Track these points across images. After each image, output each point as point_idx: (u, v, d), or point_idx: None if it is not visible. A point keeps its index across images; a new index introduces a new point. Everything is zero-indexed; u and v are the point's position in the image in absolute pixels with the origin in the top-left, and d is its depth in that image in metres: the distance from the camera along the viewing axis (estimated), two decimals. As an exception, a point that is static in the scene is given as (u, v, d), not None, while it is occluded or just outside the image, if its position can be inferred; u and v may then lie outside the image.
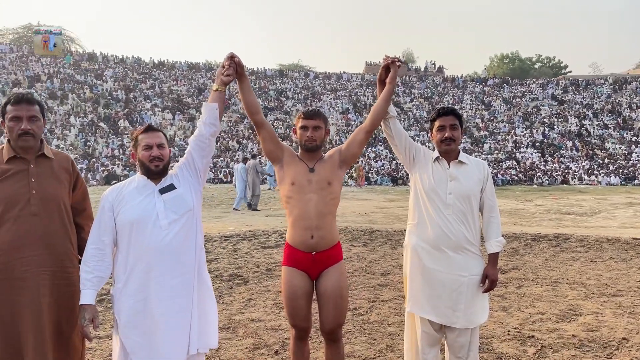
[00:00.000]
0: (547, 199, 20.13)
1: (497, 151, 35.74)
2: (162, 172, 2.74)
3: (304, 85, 45.92)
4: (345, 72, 50.13)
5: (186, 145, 3.00)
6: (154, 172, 2.71)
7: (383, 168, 32.00)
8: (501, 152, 35.70)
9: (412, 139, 3.30)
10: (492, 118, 41.67)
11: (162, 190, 2.70)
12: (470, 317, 3.03)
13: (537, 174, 31.54)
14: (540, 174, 31.60)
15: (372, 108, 3.22)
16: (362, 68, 58.24)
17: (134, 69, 44.08)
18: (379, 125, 3.23)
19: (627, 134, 38.38)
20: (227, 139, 34.29)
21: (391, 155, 33.99)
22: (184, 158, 2.88)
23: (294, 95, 43.32)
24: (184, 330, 2.65)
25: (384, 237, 9.60)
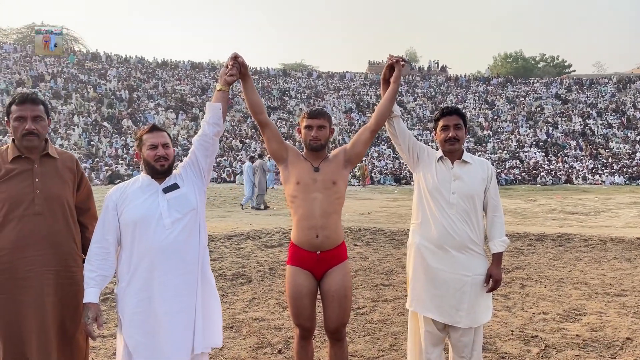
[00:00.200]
0: (551, 198, 20.08)
1: (500, 150, 35.68)
2: (167, 171, 2.75)
3: (307, 85, 45.92)
4: (348, 72, 50.11)
5: (189, 145, 3.01)
6: (159, 172, 2.72)
7: (386, 167, 31.98)
8: (505, 151, 35.63)
9: (416, 138, 3.29)
10: (496, 117, 41.58)
11: (166, 190, 2.71)
12: (473, 317, 3.03)
13: (541, 173, 31.46)
14: (544, 173, 31.51)
15: (377, 107, 3.22)
16: (365, 67, 58.25)
17: (138, 68, 44.15)
18: (384, 125, 3.23)
19: (631, 133, 38.24)
20: (231, 138, 34.32)
21: (394, 154, 33.96)
22: (187, 158, 2.89)
23: (297, 95, 43.32)
24: (187, 329, 2.65)
25: (387, 237, 9.60)
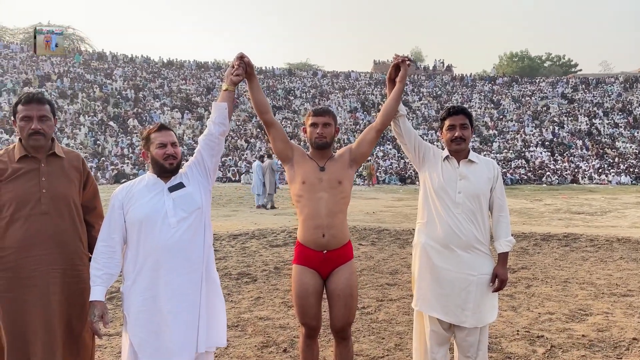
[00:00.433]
0: (557, 198, 20.00)
1: (506, 150, 35.56)
2: (175, 170, 2.76)
3: (312, 84, 45.92)
4: (353, 71, 50.08)
5: (195, 145, 3.03)
6: (168, 170, 2.73)
7: (391, 167, 31.95)
8: (510, 151, 35.51)
9: (421, 138, 3.29)
10: (501, 117, 41.45)
11: (172, 189, 2.72)
12: (479, 316, 3.02)
13: (547, 173, 31.34)
14: (550, 173, 31.39)
15: (382, 107, 3.22)
16: (370, 67, 58.15)
17: (143, 68, 44.28)
18: (389, 124, 3.23)
19: (637, 132, 38.03)
20: (236, 138, 34.37)
21: (399, 154, 33.91)
22: (193, 157, 2.90)
23: (302, 94, 43.33)
24: (192, 328, 2.66)
25: (392, 236, 9.59)
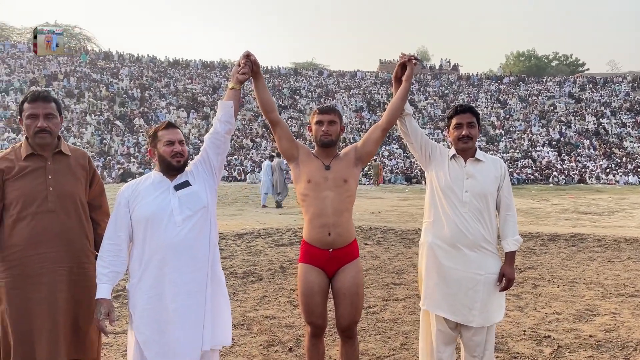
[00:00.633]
0: (564, 198, 19.90)
1: (512, 150, 35.42)
2: (182, 168, 2.76)
3: (317, 84, 45.90)
4: (359, 71, 50.02)
5: (200, 144, 3.02)
6: (175, 168, 2.73)
7: (397, 166, 31.90)
8: (517, 150, 35.37)
9: (427, 136, 3.28)
10: (508, 116, 41.29)
11: (177, 187, 2.72)
12: (486, 316, 3.01)
13: (554, 173, 31.19)
14: (557, 173, 31.24)
15: (388, 106, 3.21)
16: (376, 66, 58.11)
17: (149, 67, 44.41)
18: (395, 123, 3.22)
19: (645, 132, 37.79)
20: (242, 137, 34.42)
21: (405, 153, 33.83)
22: (199, 155, 2.90)
23: (308, 94, 43.32)
24: (197, 326, 2.66)
25: (398, 236, 9.57)
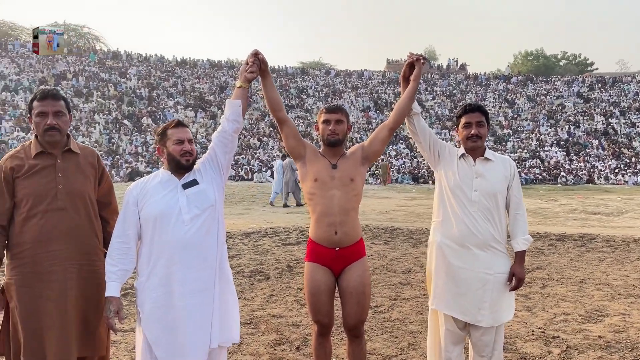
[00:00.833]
0: (572, 198, 19.78)
1: (520, 150, 35.24)
2: (191, 166, 2.77)
3: (325, 83, 45.87)
4: (366, 70, 49.93)
5: (208, 143, 3.02)
6: (184, 167, 2.74)
7: (404, 166, 31.83)
8: (525, 150, 35.19)
9: (436, 136, 3.27)
10: (516, 116, 41.08)
11: (185, 185, 2.73)
12: (495, 316, 2.99)
13: (562, 173, 31.01)
14: (565, 173, 31.05)
15: (396, 105, 3.20)
16: (383, 66, 57.99)
17: (157, 67, 44.55)
18: (402, 123, 3.21)
19: (655, 132, 37.48)
20: (249, 136, 34.47)
21: (412, 153, 33.75)
22: (206, 154, 2.90)
23: (315, 93, 43.32)
24: (205, 324, 2.67)
25: (405, 235, 9.55)
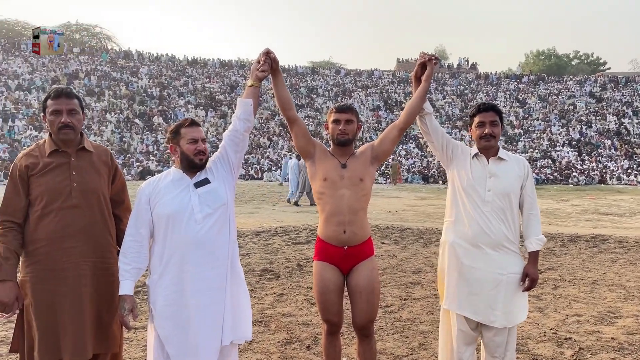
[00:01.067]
0: (584, 198, 19.61)
1: (531, 149, 35.00)
2: (203, 165, 2.78)
3: (334, 83, 45.84)
4: (376, 69, 49.81)
5: (218, 142, 3.03)
6: (197, 166, 2.75)
7: (414, 166, 31.73)
8: (536, 150, 34.94)
9: (449, 135, 3.25)
10: (527, 116, 40.80)
11: (197, 184, 2.74)
12: (508, 316, 2.98)
13: (574, 173, 30.75)
14: (577, 173, 30.79)
15: (407, 105, 3.19)
16: (393, 65, 57.82)
17: (168, 66, 44.78)
18: (412, 123, 3.20)
19: (669, 132, 37.04)
20: (259, 136, 34.54)
21: (422, 153, 33.65)
22: (217, 152, 2.91)
23: (325, 93, 43.31)
24: (217, 322, 2.68)
25: (415, 235, 9.52)
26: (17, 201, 2.66)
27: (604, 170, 31.60)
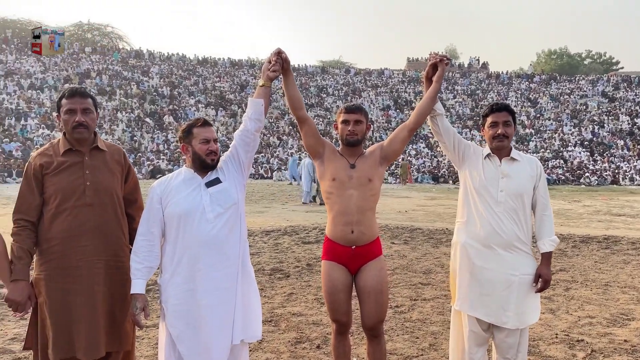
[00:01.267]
0: (596, 199, 19.42)
1: (543, 149, 34.74)
2: (215, 165, 2.78)
3: (344, 82, 45.81)
4: (386, 69, 49.70)
5: (227, 141, 3.03)
6: (209, 166, 2.76)
7: (424, 166, 31.63)
8: (547, 150, 34.68)
9: (460, 135, 3.23)
10: (539, 115, 40.51)
11: (209, 184, 2.74)
12: (521, 317, 2.96)
13: (586, 173, 30.47)
14: (589, 173, 30.51)
15: (417, 106, 3.18)
16: (404, 64, 57.64)
17: (179, 66, 45.01)
18: (423, 124, 3.19)
19: (683, 132, 36.59)
20: (268, 135, 34.60)
21: (432, 152, 33.53)
22: (228, 152, 2.91)
23: (335, 92, 43.28)
24: (228, 321, 2.69)
25: (425, 235, 9.49)
26: (31, 200, 2.69)
27: (616, 171, 31.31)
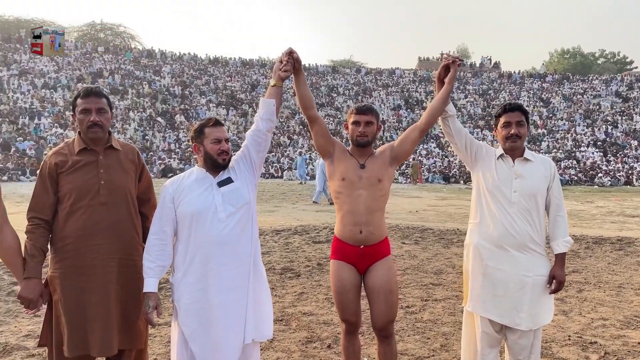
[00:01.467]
0: (609, 200, 19.22)
1: (555, 150, 34.45)
2: (227, 165, 2.79)
3: (355, 81, 45.74)
4: (397, 68, 49.55)
5: (239, 141, 3.05)
6: (221, 165, 2.77)
7: (435, 165, 31.50)
8: (560, 150, 34.38)
9: (472, 136, 3.22)
10: (551, 115, 40.17)
11: (220, 183, 2.76)
12: (534, 318, 2.94)
13: (599, 174, 30.17)
14: (602, 174, 30.20)
15: (428, 107, 3.16)
16: (415, 64, 57.46)
17: (190, 65, 45.21)
18: (434, 125, 3.18)
19: (698, 133, 36.10)
20: (279, 134, 34.65)
21: (443, 152, 33.37)
22: (240, 152, 2.93)
23: (345, 92, 43.23)
24: (239, 320, 2.70)
25: (436, 236, 9.44)
26: (45, 198, 2.72)
27: (630, 172, 30.95)
